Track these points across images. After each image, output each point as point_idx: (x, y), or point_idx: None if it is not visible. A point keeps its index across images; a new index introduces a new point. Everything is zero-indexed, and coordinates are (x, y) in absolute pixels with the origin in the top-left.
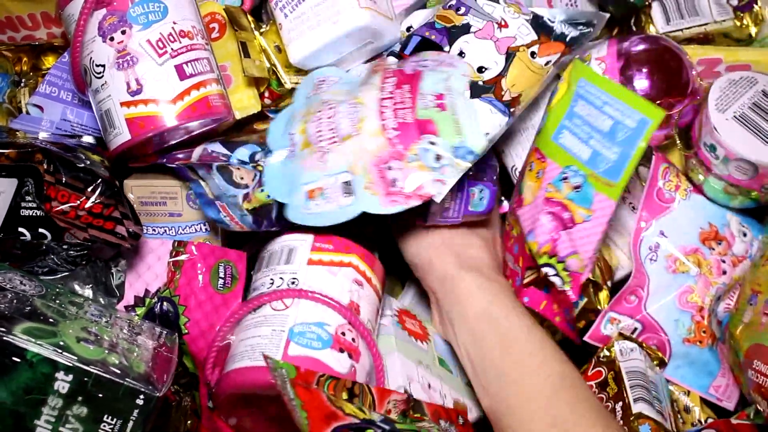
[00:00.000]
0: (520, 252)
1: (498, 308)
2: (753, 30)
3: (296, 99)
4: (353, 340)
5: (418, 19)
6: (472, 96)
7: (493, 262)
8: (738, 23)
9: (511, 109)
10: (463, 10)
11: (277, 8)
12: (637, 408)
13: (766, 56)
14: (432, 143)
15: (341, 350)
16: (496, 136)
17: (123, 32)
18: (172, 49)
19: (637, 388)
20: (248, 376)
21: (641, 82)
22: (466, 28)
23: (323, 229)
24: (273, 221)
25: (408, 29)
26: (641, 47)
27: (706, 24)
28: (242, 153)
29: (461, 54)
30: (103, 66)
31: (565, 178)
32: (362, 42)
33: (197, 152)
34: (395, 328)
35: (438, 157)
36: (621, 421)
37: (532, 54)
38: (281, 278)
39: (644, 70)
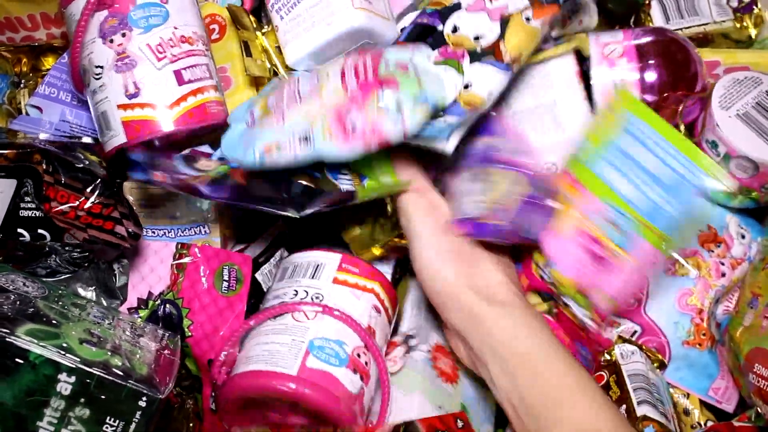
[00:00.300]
0: (524, 270)
1: (536, 348)
2: (753, 32)
3: (263, 88)
4: (366, 363)
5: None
6: (472, 61)
7: (515, 285)
8: (737, 24)
9: (513, 66)
10: None
11: (273, 10)
12: (641, 411)
13: (764, 58)
14: (393, 93)
15: (355, 371)
16: (499, 93)
17: (123, 35)
18: (171, 54)
19: (640, 391)
20: (262, 379)
21: (650, 74)
22: (457, 6)
23: (351, 251)
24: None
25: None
26: (648, 39)
27: (705, 24)
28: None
29: (455, 29)
30: (102, 67)
31: (611, 221)
32: (358, 43)
33: (184, 152)
34: (425, 366)
35: (398, 105)
36: None
37: (527, 19)
38: (306, 291)
39: (651, 61)
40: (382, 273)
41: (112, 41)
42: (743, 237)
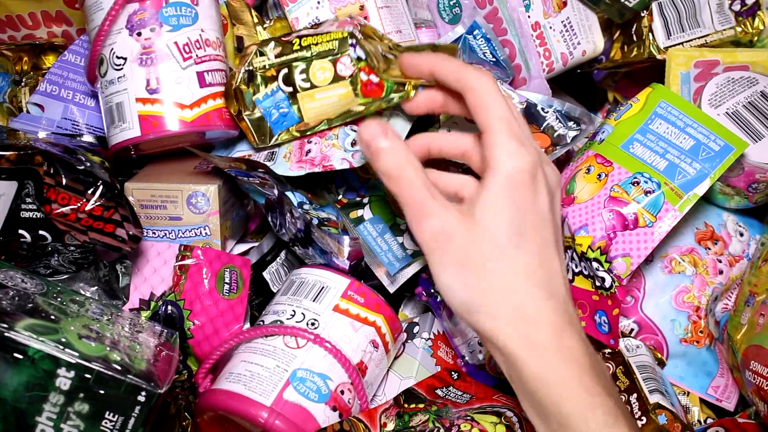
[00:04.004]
0: None
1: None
2: (755, 36)
3: None
4: (349, 401)
5: None
6: None
7: (564, 315)
8: (740, 28)
9: None
10: None
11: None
12: (653, 399)
13: (762, 57)
14: (353, 130)
15: (334, 408)
16: None
17: (152, 30)
18: (197, 55)
19: (650, 381)
20: (236, 402)
21: None
22: None
23: (359, 277)
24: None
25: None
26: None
27: (707, 35)
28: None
29: None
30: (125, 59)
31: (636, 183)
32: None
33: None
34: (423, 353)
35: (353, 143)
36: (639, 413)
37: None
38: (303, 314)
39: None
40: (388, 305)
41: (140, 35)
42: (741, 235)
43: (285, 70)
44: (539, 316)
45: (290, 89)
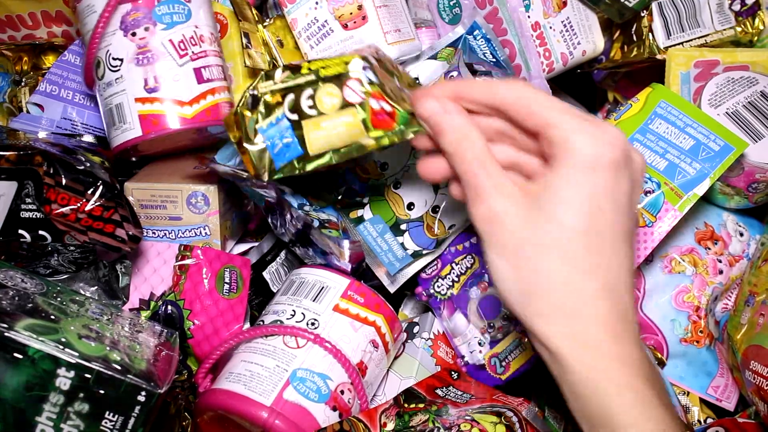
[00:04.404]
0: None
1: None
2: (755, 36)
3: None
4: (349, 401)
5: (425, 70)
6: None
7: (620, 314)
8: (740, 28)
9: None
10: None
11: (302, 38)
12: None
13: (762, 57)
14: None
15: (334, 408)
16: None
17: (146, 29)
18: (192, 52)
19: None
20: (236, 402)
21: None
22: None
23: (359, 277)
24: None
25: (414, 80)
26: None
27: (707, 35)
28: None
29: None
30: (121, 60)
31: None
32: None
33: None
34: (423, 353)
35: None
36: None
37: None
38: (303, 314)
39: None
40: (388, 305)
41: (134, 35)
42: (741, 235)
43: (291, 96)
44: (592, 314)
45: (295, 116)
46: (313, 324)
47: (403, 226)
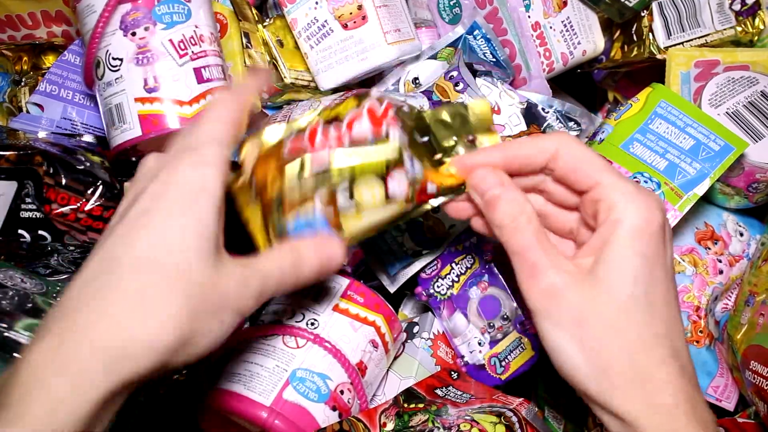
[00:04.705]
0: None
1: None
2: (755, 36)
3: None
4: (349, 400)
5: (425, 70)
6: None
7: (688, 376)
8: (740, 28)
9: None
10: (461, 86)
11: (302, 38)
12: None
13: (762, 57)
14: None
15: (334, 408)
16: None
17: (146, 29)
18: (192, 51)
19: None
20: (236, 402)
21: None
22: None
23: (359, 278)
24: None
25: (414, 80)
26: None
27: (707, 35)
28: None
29: None
30: (121, 60)
31: (636, 182)
32: (387, 67)
33: None
34: (423, 353)
35: None
36: None
37: None
38: (302, 314)
39: None
40: (387, 305)
41: (134, 34)
42: (741, 234)
43: (323, 190)
44: (664, 380)
45: (330, 208)
46: (312, 324)
47: (403, 226)
